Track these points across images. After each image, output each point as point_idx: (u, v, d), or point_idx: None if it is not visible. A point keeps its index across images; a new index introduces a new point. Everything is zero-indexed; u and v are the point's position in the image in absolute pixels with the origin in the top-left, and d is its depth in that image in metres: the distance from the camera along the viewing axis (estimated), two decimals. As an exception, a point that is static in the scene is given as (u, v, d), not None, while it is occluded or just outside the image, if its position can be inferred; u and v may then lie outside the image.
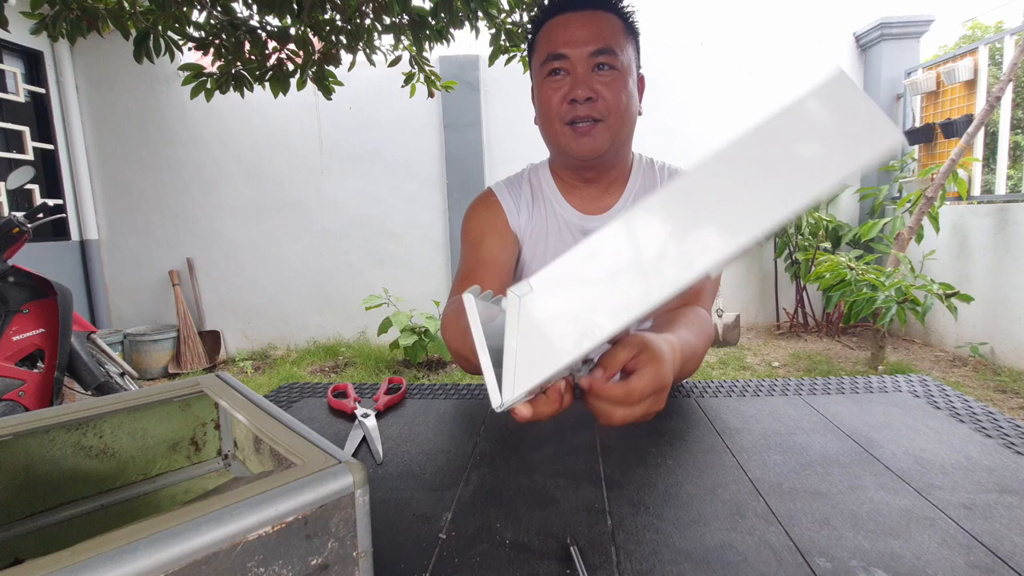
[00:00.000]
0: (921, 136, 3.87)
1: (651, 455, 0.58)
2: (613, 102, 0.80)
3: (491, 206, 0.90)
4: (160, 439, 0.48)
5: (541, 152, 0.88)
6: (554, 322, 0.36)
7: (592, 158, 0.82)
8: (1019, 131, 7.98)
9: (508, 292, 0.37)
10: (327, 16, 1.80)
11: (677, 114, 4.11)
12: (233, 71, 1.79)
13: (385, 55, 2.04)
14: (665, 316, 0.70)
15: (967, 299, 2.91)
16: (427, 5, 1.77)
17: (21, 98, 3.60)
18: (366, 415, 0.70)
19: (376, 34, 1.91)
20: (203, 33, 1.73)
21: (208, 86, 1.79)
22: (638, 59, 0.84)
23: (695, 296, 0.79)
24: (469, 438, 0.64)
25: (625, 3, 0.82)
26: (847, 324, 4.03)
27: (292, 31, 1.75)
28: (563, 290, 0.36)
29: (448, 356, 3.65)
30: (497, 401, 0.36)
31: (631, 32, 0.83)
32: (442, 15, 1.73)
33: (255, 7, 1.68)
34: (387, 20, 1.85)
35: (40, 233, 3.56)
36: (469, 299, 0.38)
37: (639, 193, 0.90)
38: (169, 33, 1.63)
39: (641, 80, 0.85)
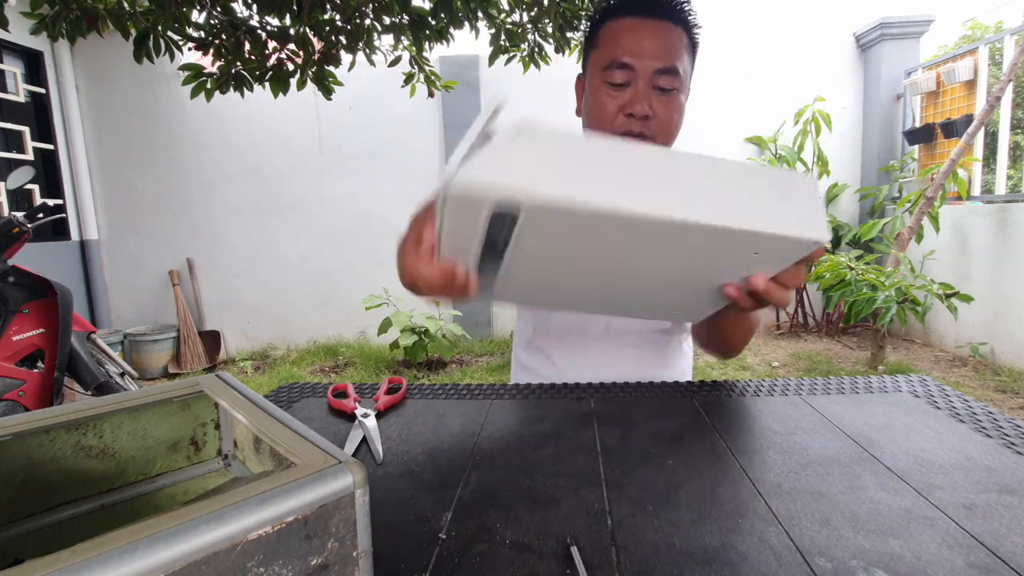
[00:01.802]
0: (921, 136, 3.87)
1: (651, 455, 0.58)
2: (666, 122, 0.79)
3: None
4: (160, 439, 0.48)
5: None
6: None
7: None
8: (1019, 131, 7.98)
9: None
10: (327, 16, 1.80)
11: (677, 114, 4.11)
12: (233, 71, 1.79)
13: (385, 55, 2.04)
14: None
15: (967, 299, 2.91)
16: (427, 5, 1.77)
17: (21, 98, 3.60)
18: (366, 415, 0.70)
19: (376, 34, 1.91)
20: (203, 33, 1.73)
21: (208, 86, 1.79)
22: (692, 74, 0.83)
23: None
24: (469, 438, 0.64)
25: (693, 18, 0.80)
26: (847, 324, 4.03)
27: (292, 31, 1.75)
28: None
29: (448, 355, 3.64)
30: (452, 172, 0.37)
31: (693, 47, 0.81)
32: (442, 15, 1.73)
33: (255, 7, 1.68)
34: (387, 20, 1.85)
35: (40, 233, 3.56)
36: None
37: None
38: (169, 33, 1.63)
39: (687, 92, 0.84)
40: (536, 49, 2.11)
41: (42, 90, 3.80)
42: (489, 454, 0.60)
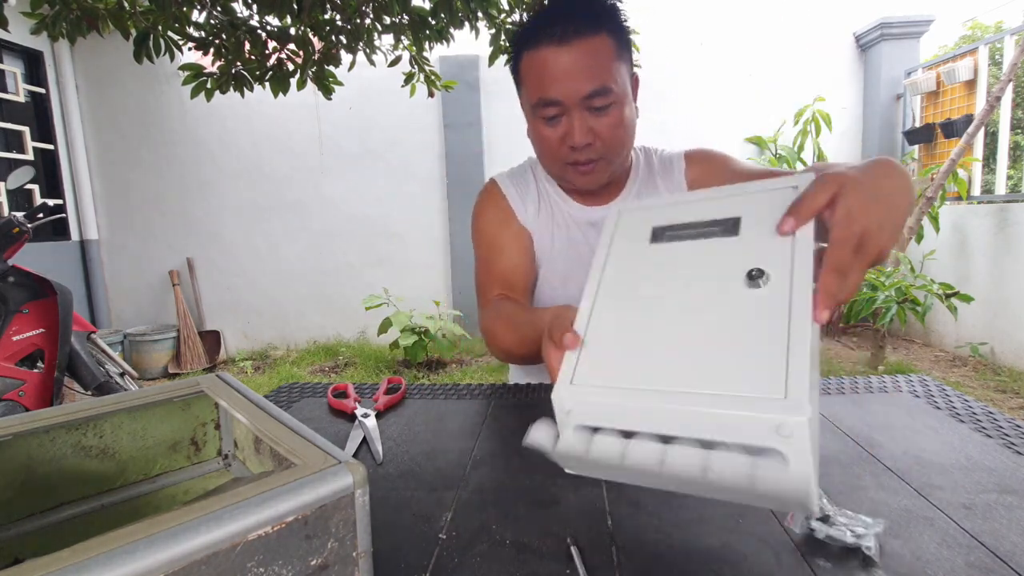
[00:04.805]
0: (921, 136, 3.87)
1: (651, 455, 0.58)
2: (611, 140, 0.76)
3: (499, 203, 0.89)
4: (160, 439, 0.48)
5: (541, 151, 0.88)
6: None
7: (595, 188, 0.83)
8: (1019, 131, 7.98)
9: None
10: (327, 16, 1.80)
11: (676, 114, 4.11)
12: (233, 71, 1.79)
13: (385, 55, 2.04)
14: None
15: (967, 299, 2.91)
16: (427, 5, 1.77)
17: (21, 98, 3.59)
18: (366, 415, 0.70)
19: (376, 34, 1.91)
20: (203, 33, 1.73)
21: (208, 86, 1.79)
22: (631, 68, 0.79)
23: None
24: (469, 438, 0.64)
25: (614, 19, 0.74)
26: (847, 324, 4.03)
27: (292, 31, 1.75)
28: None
29: (448, 355, 3.64)
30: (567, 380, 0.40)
31: (624, 47, 0.76)
32: (442, 15, 1.73)
33: (255, 7, 1.68)
34: (387, 20, 1.85)
35: (40, 233, 3.54)
36: None
37: (642, 182, 0.90)
38: (169, 33, 1.63)
39: (635, 80, 0.80)
40: (536, 49, 2.11)
41: (42, 90, 3.79)
42: (489, 454, 0.60)
